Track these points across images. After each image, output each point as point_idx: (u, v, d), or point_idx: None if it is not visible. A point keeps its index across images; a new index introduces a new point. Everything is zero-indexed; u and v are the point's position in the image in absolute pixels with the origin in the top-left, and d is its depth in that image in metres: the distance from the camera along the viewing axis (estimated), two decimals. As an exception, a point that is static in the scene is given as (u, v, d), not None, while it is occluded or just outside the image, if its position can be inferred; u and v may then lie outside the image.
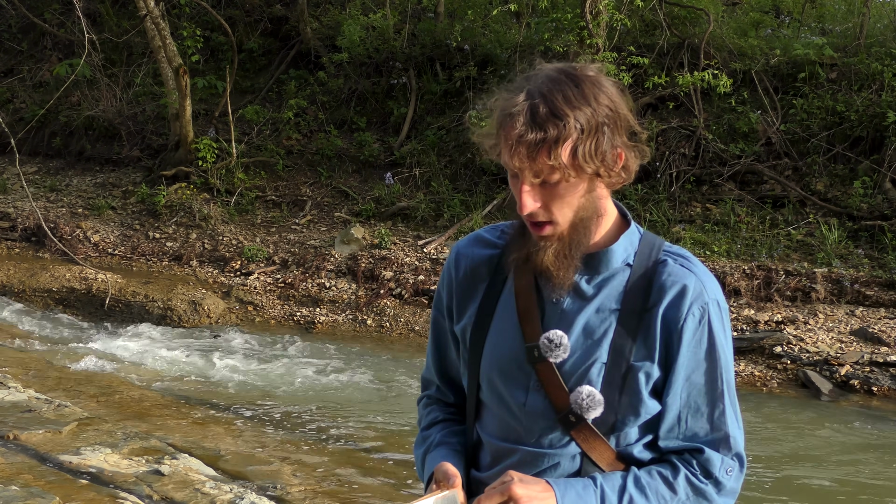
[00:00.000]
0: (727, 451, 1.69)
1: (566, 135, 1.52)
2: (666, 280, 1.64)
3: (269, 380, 7.63)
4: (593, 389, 1.62)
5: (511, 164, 1.56)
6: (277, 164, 12.11)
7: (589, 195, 1.61)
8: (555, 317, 1.67)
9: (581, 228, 1.62)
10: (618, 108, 1.59)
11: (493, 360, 1.72)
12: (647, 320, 1.63)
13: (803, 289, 8.64)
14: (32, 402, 5.81)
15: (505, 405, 1.71)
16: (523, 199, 1.58)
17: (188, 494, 4.37)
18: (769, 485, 5.66)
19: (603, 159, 1.57)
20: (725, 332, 1.67)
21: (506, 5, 11.49)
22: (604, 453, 1.65)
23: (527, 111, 1.53)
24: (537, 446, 1.67)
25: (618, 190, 1.71)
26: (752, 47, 11.35)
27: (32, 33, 15.26)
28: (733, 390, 1.69)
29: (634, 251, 1.68)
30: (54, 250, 10.78)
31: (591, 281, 1.67)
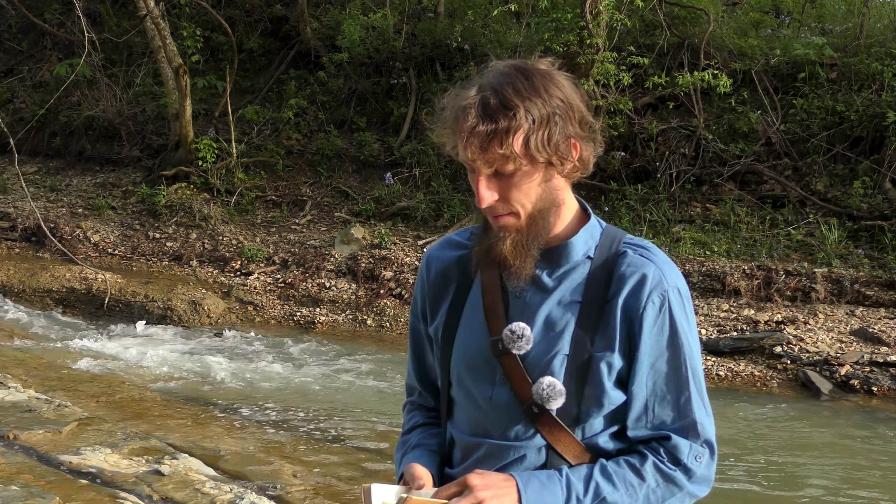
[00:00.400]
0: (696, 438, 1.67)
1: (517, 125, 1.55)
2: (625, 270, 1.65)
3: (269, 380, 7.63)
4: (554, 380, 1.64)
5: (465, 156, 1.59)
6: (277, 164, 12.11)
7: (545, 185, 1.63)
8: (518, 310, 1.69)
9: (539, 219, 1.64)
10: (570, 100, 1.61)
11: (461, 356, 1.75)
12: (608, 311, 1.64)
13: (803, 289, 8.64)
14: (32, 402, 5.81)
15: (473, 400, 1.73)
16: (480, 193, 1.62)
17: (188, 494, 4.38)
18: (769, 484, 5.66)
19: (556, 149, 1.59)
20: (688, 320, 1.68)
21: (506, 5, 11.49)
22: (569, 445, 1.66)
23: (478, 104, 1.56)
24: (503, 439, 1.69)
25: (617, 190, 1.73)
26: (752, 47, 11.35)
27: (32, 33, 15.26)
28: (700, 377, 1.69)
29: (595, 244, 1.70)
30: (54, 250, 10.78)
31: (553, 274, 1.69)
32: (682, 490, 1.67)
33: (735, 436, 6.54)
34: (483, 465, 1.70)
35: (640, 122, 10.93)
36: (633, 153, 10.82)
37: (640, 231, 9.76)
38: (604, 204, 10.35)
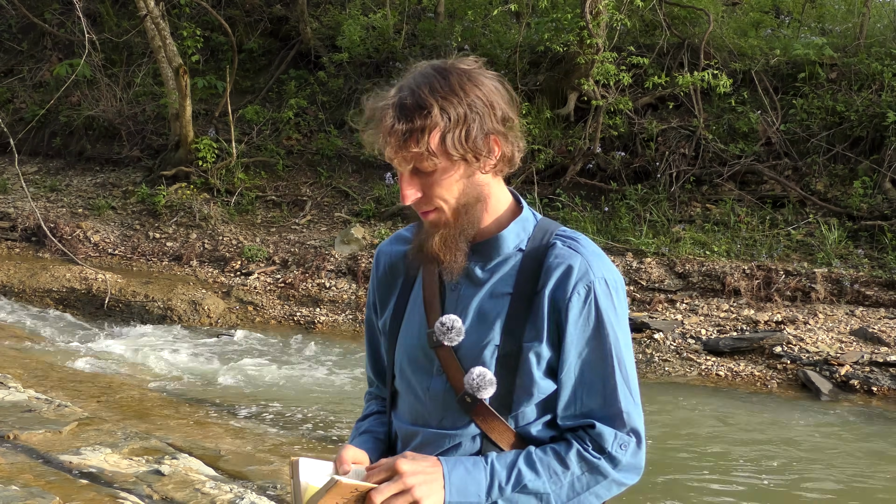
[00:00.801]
0: (621, 427, 1.68)
1: (432, 124, 1.60)
2: (552, 262, 1.68)
3: (269, 380, 7.63)
4: (484, 370, 1.67)
5: (386, 156, 1.64)
6: (277, 164, 12.11)
7: (468, 181, 1.67)
8: (452, 303, 1.74)
9: (465, 214, 1.68)
10: (489, 98, 1.65)
11: (403, 348, 1.81)
12: (537, 302, 1.67)
13: (803, 289, 8.64)
14: (32, 402, 5.81)
15: (413, 390, 1.79)
16: (403, 191, 1.67)
17: (188, 494, 4.38)
18: (769, 484, 5.66)
19: (474, 146, 1.63)
20: (616, 310, 1.70)
21: (506, 5, 11.49)
22: (503, 433, 1.70)
23: (395, 104, 1.62)
24: (440, 428, 1.74)
25: (617, 190, 1.74)
26: (752, 47, 11.35)
27: (32, 33, 15.27)
28: (627, 367, 1.71)
29: (528, 236, 1.73)
30: (54, 250, 10.78)
31: (485, 267, 1.73)
32: (606, 478, 1.68)
33: (735, 436, 6.54)
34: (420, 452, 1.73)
35: (640, 122, 10.93)
36: (633, 153, 10.82)
37: (641, 231, 9.77)
38: (604, 204, 10.35)
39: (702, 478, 5.73)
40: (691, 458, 6.08)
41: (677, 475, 5.75)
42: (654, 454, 6.11)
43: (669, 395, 7.31)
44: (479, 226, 1.71)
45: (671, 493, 5.45)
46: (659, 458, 6.06)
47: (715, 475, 5.79)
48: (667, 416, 6.87)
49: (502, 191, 1.75)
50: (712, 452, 6.21)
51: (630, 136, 10.90)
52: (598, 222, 10.10)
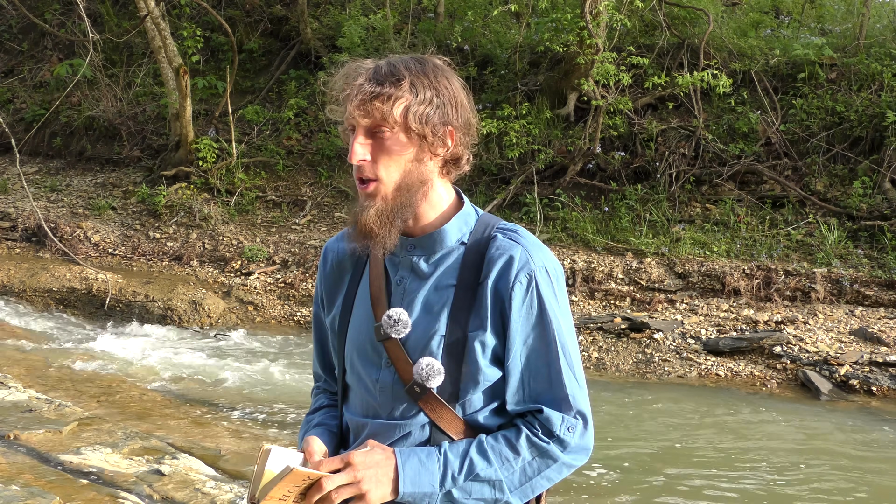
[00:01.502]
0: (568, 410, 1.73)
1: (400, 93, 1.68)
2: (494, 253, 1.74)
3: (269, 380, 7.64)
4: (432, 360, 1.73)
5: (348, 113, 1.70)
6: (277, 164, 12.12)
7: (415, 164, 1.72)
8: (399, 297, 1.79)
9: (404, 193, 1.73)
10: (456, 95, 1.74)
11: (352, 342, 1.86)
12: (480, 293, 1.72)
13: (803, 289, 8.64)
14: (33, 402, 5.82)
15: (363, 384, 1.83)
16: (354, 148, 1.71)
17: (188, 494, 4.38)
18: (769, 485, 5.67)
19: (433, 129, 1.70)
20: (557, 297, 1.75)
21: (506, 5, 11.50)
22: (451, 421, 1.74)
23: (371, 69, 1.72)
24: (390, 418, 1.78)
25: (617, 190, 1.76)
26: (752, 47, 11.35)
27: (33, 33, 15.27)
28: (571, 352, 1.75)
29: (470, 230, 1.79)
30: (55, 250, 10.79)
31: (429, 260, 1.78)
32: (556, 461, 1.73)
33: (734, 436, 6.55)
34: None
35: (639, 123, 10.93)
36: (633, 153, 10.82)
37: (641, 231, 9.78)
38: (604, 204, 10.35)
39: (702, 478, 5.73)
40: (691, 458, 6.08)
41: (677, 475, 5.75)
42: (654, 454, 6.12)
43: (669, 395, 7.31)
44: (415, 211, 1.75)
45: (671, 493, 5.46)
46: (658, 457, 6.07)
47: (714, 475, 5.80)
48: (666, 416, 6.87)
49: (447, 188, 1.80)
50: (712, 452, 6.21)
51: (630, 137, 10.90)
52: (598, 222, 10.10)
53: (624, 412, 6.88)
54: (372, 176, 1.72)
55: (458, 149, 1.76)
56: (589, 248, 9.72)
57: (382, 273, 1.82)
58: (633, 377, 7.79)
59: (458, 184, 1.87)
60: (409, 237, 1.79)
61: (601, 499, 5.33)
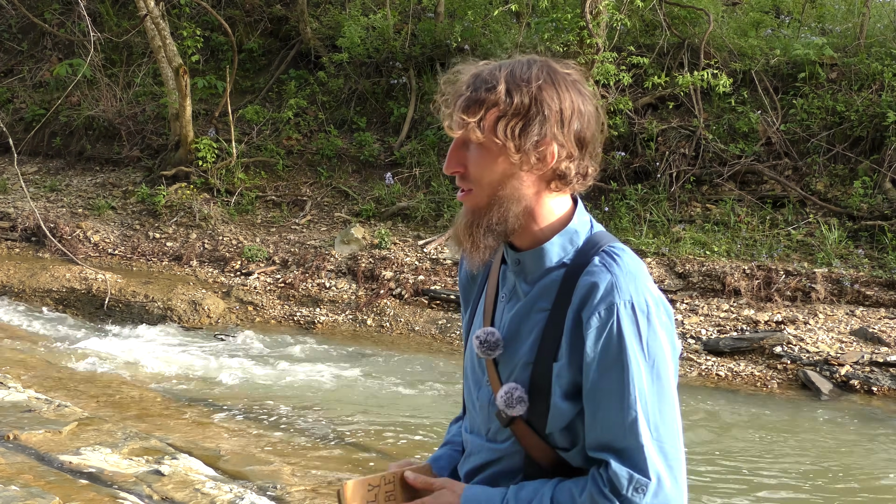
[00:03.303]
0: (640, 467, 1.55)
1: (493, 100, 1.56)
2: (583, 279, 1.60)
3: (269, 380, 7.63)
4: (513, 387, 1.63)
5: (444, 121, 1.62)
6: (277, 164, 12.11)
7: (510, 178, 1.60)
8: (500, 312, 1.71)
9: (497, 207, 1.61)
10: (563, 107, 1.59)
11: (467, 356, 1.81)
12: (568, 321, 1.60)
13: (803, 289, 8.64)
14: (32, 402, 5.81)
15: (471, 399, 1.79)
16: (448, 158, 1.64)
17: (188, 494, 4.38)
18: (769, 485, 5.66)
19: (524, 142, 1.57)
20: (642, 337, 1.57)
21: (506, 5, 11.49)
22: (542, 452, 1.65)
23: (474, 73, 1.60)
24: (487, 440, 1.73)
25: (617, 190, 1.72)
26: (752, 47, 11.35)
27: (32, 33, 15.26)
28: (656, 398, 1.57)
29: (576, 249, 1.65)
30: (54, 250, 10.78)
31: (528, 280, 1.67)
32: None
33: (734, 436, 6.54)
34: (471, 462, 1.76)
35: (640, 122, 10.93)
36: (633, 153, 10.82)
37: (641, 231, 9.77)
38: (604, 204, 10.35)
39: (701, 478, 5.73)
40: (691, 459, 6.08)
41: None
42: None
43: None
44: (515, 227, 1.63)
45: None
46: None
47: (714, 475, 5.79)
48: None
49: (560, 201, 1.66)
50: (712, 452, 6.21)
51: (630, 136, 10.90)
52: (599, 222, 10.06)
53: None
54: (465, 186, 1.64)
55: (563, 164, 1.60)
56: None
57: (496, 285, 1.74)
58: (634, 377, 7.77)
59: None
60: (516, 251, 1.68)
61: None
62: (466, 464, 1.78)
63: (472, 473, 1.76)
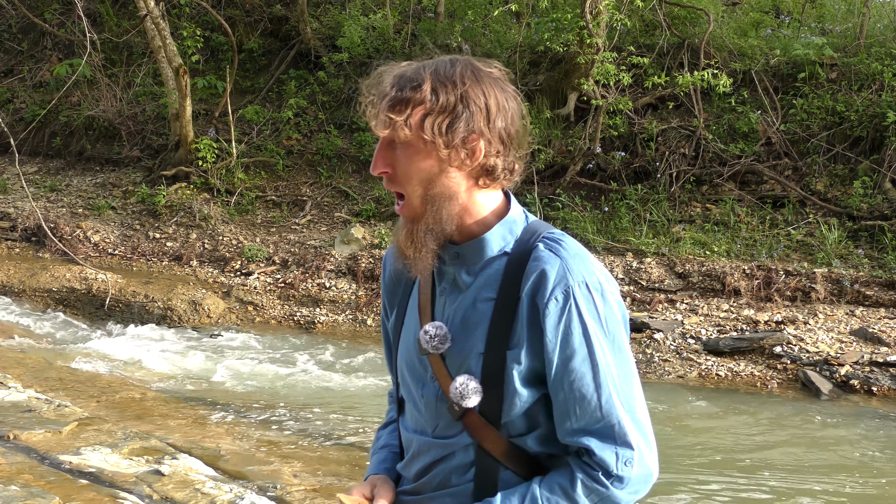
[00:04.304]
0: (621, 442, 1.60)
1: (419, 98, 1.57)
2: (531, 265, 1.61)
3: (269, 380, 7.63)
4: (467, 378, 1.62)
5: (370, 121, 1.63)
6: (277, 164, 12.11)
7: (438, 174, 1.61)
8: (440, 308, 1.70)
9: (431, 207, 1.62)
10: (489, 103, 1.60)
11: (403, 354, 1.78)
12: (518, 308, 1.61)
13: (803, 289, 8.64)
14: (32, 402, 5.81)
15: (412, 398, 1.76)
16: (374, 159, 1.64)
17: (188, 494, 4.38)
18: (769, 485, 5.66)
19: (451, 138, 1.57)
20: (601, 315, 1.60)
21: (506, 5, 11.49)
22: (495, 443, 1.64)
23: (396, 75, 1.62)
24: (435, 436, 1.71)
25: (617, 190, 1.72)
26: (752, 47, 11.35)
27: (32, 33, 15.26)
28: (622, 372, 1.62)
29: (515, 238, 1.67)
30: (54, 250, 10.78)
31: (470, 271, 1.68)
32: (620, 500, 1.62)
33: (734, 436, 6.54)
34: (418, 463, 1.74)
35: (640, 122, 10.93)
36: (633, 153, 10.82)
37: (641, 231, 9.77)
38: (604, 204, 10.35)
39: (701, 478, 5.73)
40: (691, 459, 6.08)
41: (677, 476, 5.75)
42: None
43: (669, 396, 7.30)
44: (451, 226, 1.64)
45: (670, 494, 5.45)
46: (658, 458, 6.06)
47: (714, 475, 5.79)
48: (666, 417, 6.87)
49: (491, 196, 1.68)
50: (712, 452, 6.21)
51: (630, 136, 10.90)
52: (598, 222, 10.10)
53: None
54: (394, 188, 1.64)
55: (490, 159, 1.61)
56: (589, 248, 9.70)
57: (431, 281, 1.73)
58: (634, 377, 7.77)
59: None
60: (454, 245, 1.68)
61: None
62: (414, 464, 1.75)
63: (422, 473, 1.74)
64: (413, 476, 1.76)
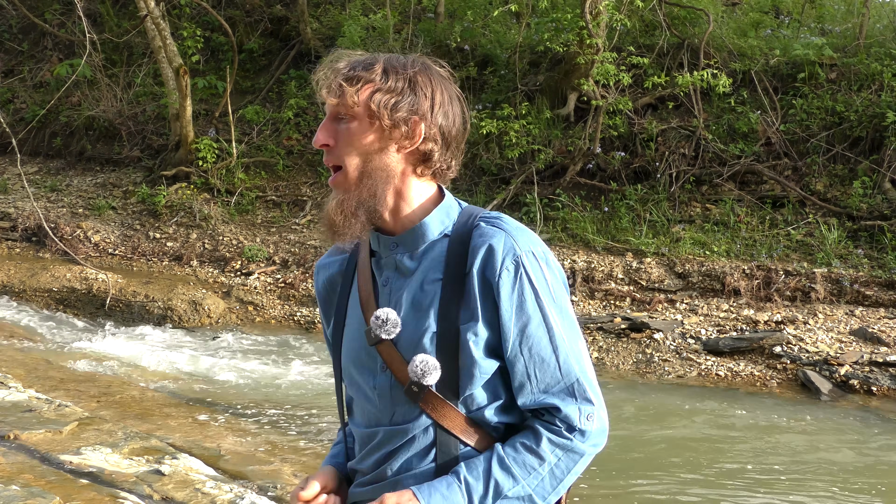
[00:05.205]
0: (582, 398, 1.68)
1: (369, 77, 1.67)
2: (478, 241, 1.68)
3: (269, 380, 7.64)
4: (426, 356, 1.67)
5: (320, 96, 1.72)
6: (277, 164, 12.12)
7: (379, 153, 1.69)
8: (386, 297, 1.75)
9: (367, 183, 1.69)
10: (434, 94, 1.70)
11: (347, 353, 1.82)
12: (468, 284, 1.67)
13: (803, 289, 8.64)
14: (33, 402, 5.82)
15: (362, 392, 1.79)
16: (319, 130, 1.72)
17: (188, 494, 4.38)
18: (769, 485, 5.67)
19: (395, 116, 1.66)
20: (548, 280, 1.69)
21: (506, 6, 11.50)
22: (454, 419, 1.69)
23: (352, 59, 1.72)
24: (392, 424, 1.74)
25: (617, 190, 1.74)
26: (752, 47, 11.35)
27: (33, 33, 15.27)
28: (569, 333, 1.70)
29: (453, 222, 1.74)
30: (55, 250, 10.79)
31: (413, 256, 1.74)
32: (583, 455, 1.69)
33: (734, 436, 6.55)
34: (376, 453, 1.76)
35: (639, 123, 10.93)
36: (633, 153, 10.83)
37: (640, 231, 9.77)
38: (604, 204, 10.35)
39: (701, 478, 5.73)
40: (691, 458, 6.08)
41: (676, 475, 5.75)
42: (653, 454, 6.12)
43: (669, 395, 7.31)
44: (383, 206, 1.70)
45: (670, 494, 5.46)
46: (657, 458, 6.07)
47: (714, 475, 5.80)
48: (666, 416, 6.87)
49: (426, 186, 1.75)
50: (712, 452, 6.22)
51: (630, 136, 10.91)
52: (598, 222, 10.10)
53: (623, 412, 6.88)
54: (337, 163, 1.70)
55: (429, 144, 1.69)
56: (589, 249, 9.72)
57: (370, 277, 1.77)
58: (633, 377, 7.79)
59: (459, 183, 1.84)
60: (390, 236, 1.75)
61: (599, 500, 5.33)
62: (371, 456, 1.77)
63: (381, 461, 1.76)
64: (370, 466, 1.78)
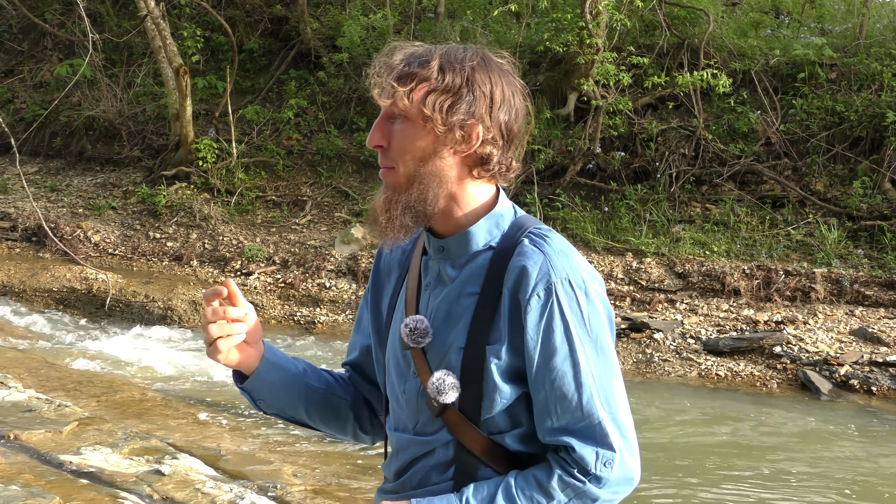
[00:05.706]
0: (602, 442, 1.56)
1: (425, 75, 1.56)
2: (515, 261, 1.59)
3: (269, 380, 7.62)
4: (444, 374, 1.60)
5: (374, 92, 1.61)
6: (277, 164, 12.12)
7: (433, 156, 1.59)
8: (424, 302, 1.68)
9: (417, 184, 1.59)
10: (494, 92, 1.60)
11: (390, 350, 1.75)
12: (500, 304, 1.59)
13: (803, 289, 8.64)
14: (33, 402, 5.82)
15: (395, 394, 1.74)
16: (372, 131, 1.62)
17: (188, 494, 4.38)
18: (769, 485, 5.67)
19: (450, 119, 1.56)
20: (584, 313, 1.57)
21: (506, 5, 11.50)
22: (475, 439, 1.62)
23: (408, 52, 1.60)
24: (415, 433, 1.68)
25: (617, 190, 1.72)
26: (752, 47, 11.36)
27: (33, 33, 15.27)
28: (604, 372, 1.59)
29: (502, 233, 1.64)
30: (55, 250, 10.79)
31: (455, 265, 1.65)
32: (596, 500, 1.58)
33: (734, 436, 6.55)
34: (397, 460, 1.72)
35: (639, 123, 10.93)
36: (633, 153, 10.83)
37: (640, 231, 9.77)
38: (604, 204, 10.35)
39: (701, 478, 5.73)
40: (691, 458, 6.08)
41: (676, 475, 5.75)
42: (653, 454, 6.12)
43: (669, 395, 7.31)
44: (434, 209, 1.60)
45: (669, 494, 5.46)
46: (658, 458, 6.07)
47: (714, 475, 5.80)
48: (666, 417, 6.87)
49: (483, 189, 1.65)
50: (712, 452, 6.22)
51: (630, 136, 10.91)
52: (598, 222, 10.10)
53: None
54: (391, 164, 1.61)
55: (487, 147, 1.59)
56: (589, 248, 9.72)
57: (417, 276, 1.70)
58: (633, 377, 7.79)
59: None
60: (439, 238, 1.66)
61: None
62: (394, 462, 1.74)
63: (402, 470, 1.72)
64: (393, 475, 1.74)
